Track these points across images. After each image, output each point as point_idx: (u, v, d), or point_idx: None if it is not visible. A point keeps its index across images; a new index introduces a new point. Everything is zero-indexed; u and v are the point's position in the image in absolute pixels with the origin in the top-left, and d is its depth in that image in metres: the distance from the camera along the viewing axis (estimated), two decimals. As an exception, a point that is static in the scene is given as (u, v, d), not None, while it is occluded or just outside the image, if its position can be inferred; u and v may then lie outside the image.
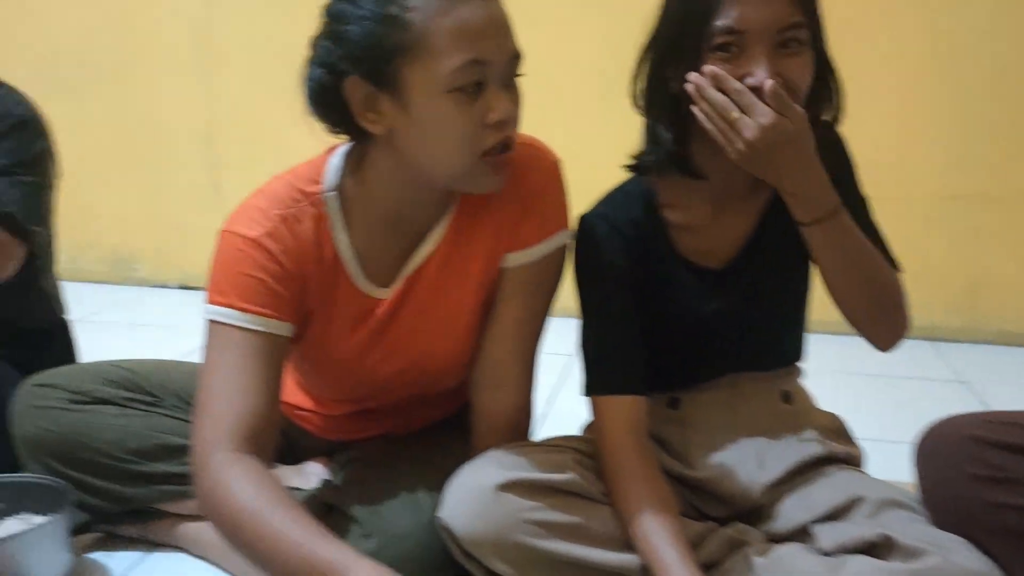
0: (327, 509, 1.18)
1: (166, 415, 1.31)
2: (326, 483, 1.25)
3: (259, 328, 1.04)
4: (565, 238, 1.17)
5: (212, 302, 1.06)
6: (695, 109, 1.02)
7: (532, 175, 1.13)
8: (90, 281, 2.84)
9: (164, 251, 2.90)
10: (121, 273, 2.92)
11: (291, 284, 1.08)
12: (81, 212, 2.01)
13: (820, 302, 1.17)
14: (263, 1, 2.66)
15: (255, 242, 1.06)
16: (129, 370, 1.34)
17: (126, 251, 2.92)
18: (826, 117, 1.10)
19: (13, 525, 1.23)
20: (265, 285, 1.06)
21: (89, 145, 2.76)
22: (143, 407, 1.31)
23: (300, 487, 1.27)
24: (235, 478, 0.96)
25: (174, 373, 1.37)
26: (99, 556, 1.31)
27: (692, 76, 1.01)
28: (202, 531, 1.30)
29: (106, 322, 2.50)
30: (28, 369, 1.37)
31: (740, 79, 0.99)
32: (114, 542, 1.34)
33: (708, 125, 1.01)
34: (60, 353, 1.64)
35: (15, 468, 1.29)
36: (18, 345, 1.55)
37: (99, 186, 2.81)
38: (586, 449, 1.16)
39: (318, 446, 1.34)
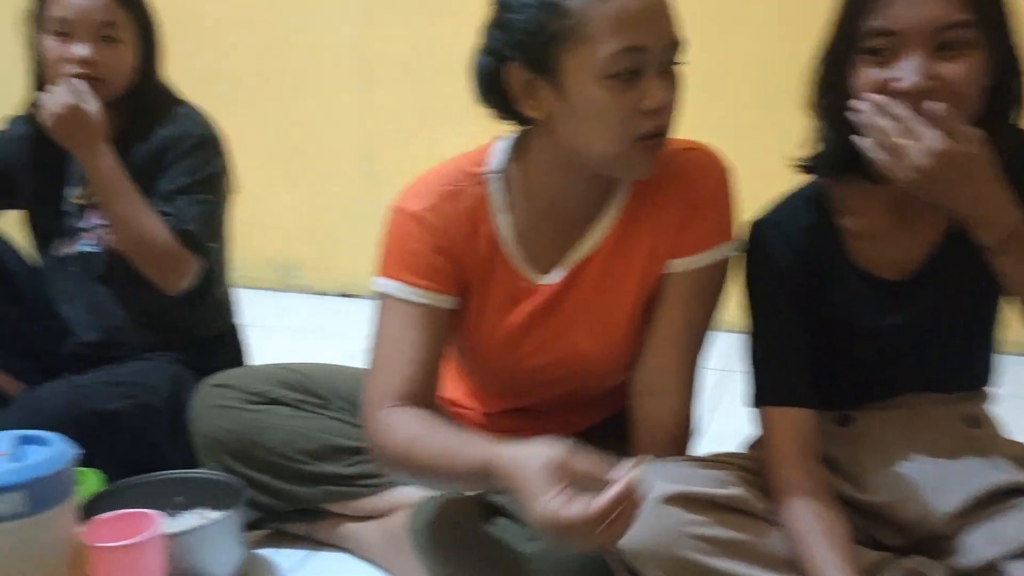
0: (492, 510, 1.19)
1: (334, 417, 1.36)
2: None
3: (421, 300, 1.12)
4: (730, 250, 1.14)
5: (380, 275, 1.14)
6: (857, 140, 0.96)
7: (701, 182, 1.12)
8: (257, 288, 2.98)
9: (325, 260, 3.01)
10: (285, 280, 3.06)
11: (449, 259, 1.13)
12: (249, 223, 2.10)
13: (1017, 321, 1.08)
14: (419, 21, 2.73)
15: (417, 216, 1.13)
16: (299, 373, 1.40)
17: (290, 260, 3.05)
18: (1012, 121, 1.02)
19: (191, 519, 1.29)
20: (426, 258, 1.12)
21: (258, 159, 2.90)
22: (312, 409, 1.36)
23: (459, 490, 1.28)
24: (398, 418, 1.07)
25: (340, 377, 1.41)
26: (268, 552, 1.37)
27: (855, 104, 0.96)
28: (366, 533, 1.33)
29: (271, 327, 2.61)
30: (203, 372, 1.45)
31: (887, 85, 0.94)
32: (283, 539, 1.39)
33: (873, 155, 0.95)
34: (232, 357, 1.73)
35: (194, 465, 1.36)
36: (194, 350, 1.64)
37: (266, 198, 2.94)
38: (751, 466, 1.11)
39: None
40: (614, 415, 1.30)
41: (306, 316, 2.83)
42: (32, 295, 1.66)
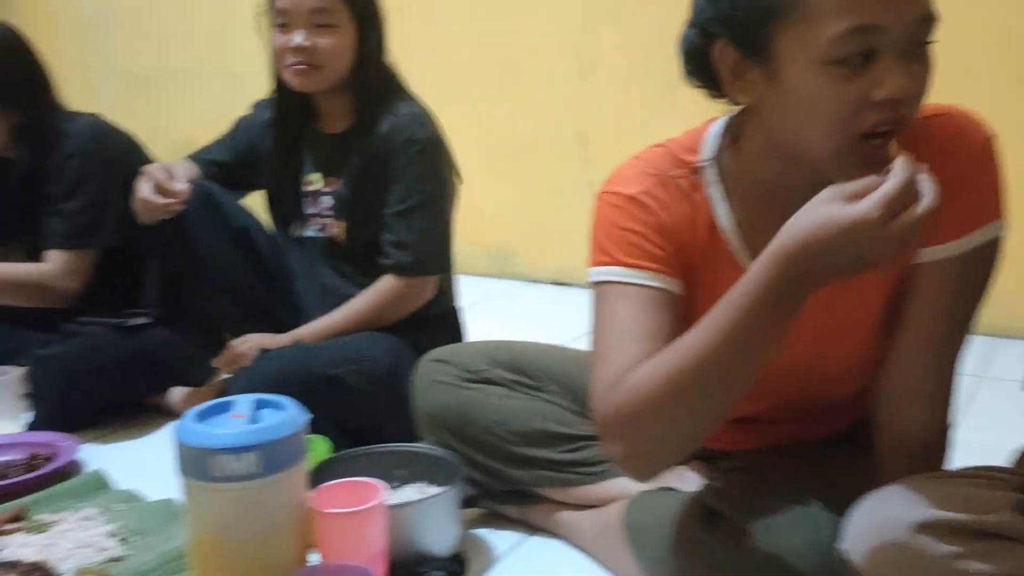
0: (710, 515, 1.11)
1: (548, 401, 1.33)
2: (708, 487, 1.18)
3: (642, 282, 1.01)
4: (996, 230, 0.98)
5: (595, 263, 1.05)
6: None
7: (957, 153, 0.96)
8: (474, 274, 3.04)
9: (539, 247, 3.02)
10: (501, 267, 3.10)
11: (669, 242, 1.03)
12: (469, 210, 2.15)
13: None
14: (635, 7, 2.67)
15: (632, 198, 1.04)
16: (514, 352, 1.38)
17: (506, 247, 3.09)
18: None
19: (410, 493, 1.31)
20: (645, 239, 1.03)
21: (476, 151, 2.94)
22: (526, 391, 1.34)
23: (678, 488, 1.21)
24: (631, 376, 0.93)
25: (555, 359, 1.38)
26: (483, 532, 1.36)
27: None
28: (580, 522, 1.29)
29: (487, 311, 2.65)
30: (423, 352, 1.47)
31: None
32: (497, 521, 1.38)
33: None
34: (452, 337, 1.75)
35: (412, 437, 1.38)
36: (417, 330, 1.67)
37: (484, 188, 2.98)
38: (1019, 483, 0.96)
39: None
40: (852, 426, 1.19)
41: (520, 302, 2.85)
42: (276, 271, 1.76)
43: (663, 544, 1.12)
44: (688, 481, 1.23)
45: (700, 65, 0.97)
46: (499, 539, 1.35)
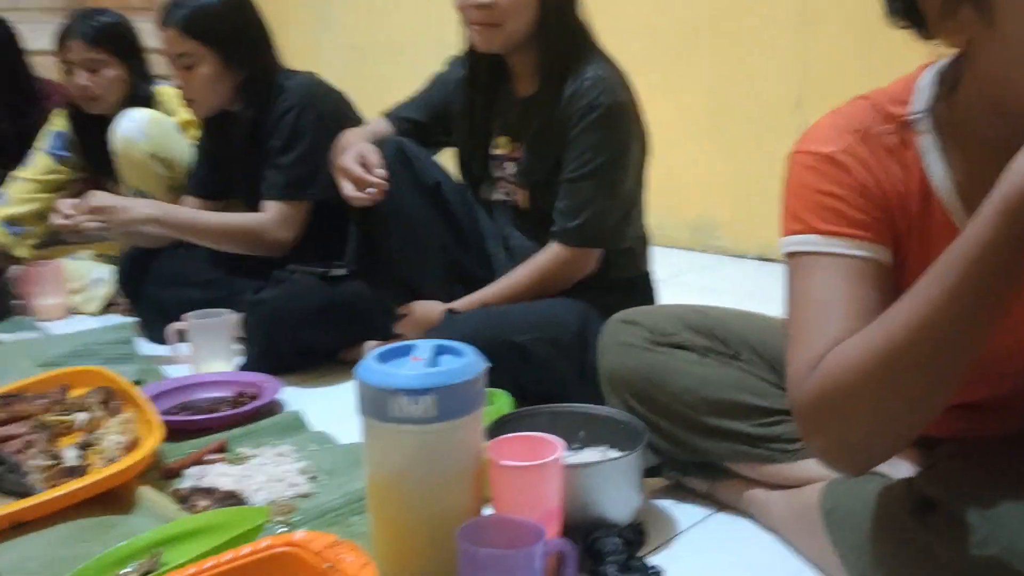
0: (923, 503, 0.98)
1: (743, 370, 1.24)
2: (923, 473, 1.05)
3: (842, 251, 0.90)
4: None
5: (788, 231, 0.94)
6: None
7: None
8: (672, 246, 2.94)
9: (745, 220, 2.87)
10: (702, 240, 2.97)
11: (874, 205, 0.91)
12: (668, 178, 2.06)
13: None
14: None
15: (829, 158, 0.92)
16: (707, 316, 1.29)
17: (708, 218, 2.96)
18: None
19: (590, 455, 1.26)
20: (845, 203, 0.91)
21: (680, 112, 2.85)
22: (720, 358, 1.25)
23: (885, 474, 1.08)
24: (836, 352, 0.83)
25: (753, 326, 1.28)
26: (666, 504, 1.29)
27: None
28: (773, 502, 1.19)
29: (684, 284, 2.56)
30: (611, 314, 1.41)
31: None
32: (681, 493, 1.30)
33: None
34: (641, 301, 1.68)
35: (598, 403, 1.33)
36: (603, 293, 1.62)
37: (687, 152, 2.88)
38: None
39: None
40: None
41: (721, 278, 2.72)
42: (468, 227, 1.77)
43: (865, 532, 1.01)
44: (897, 467, 1.10)
45: (902, 4, 0.86)
46: (682, 512, 1.27)
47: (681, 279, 2.61)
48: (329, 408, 1.67)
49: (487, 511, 1.11)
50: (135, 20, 2.37)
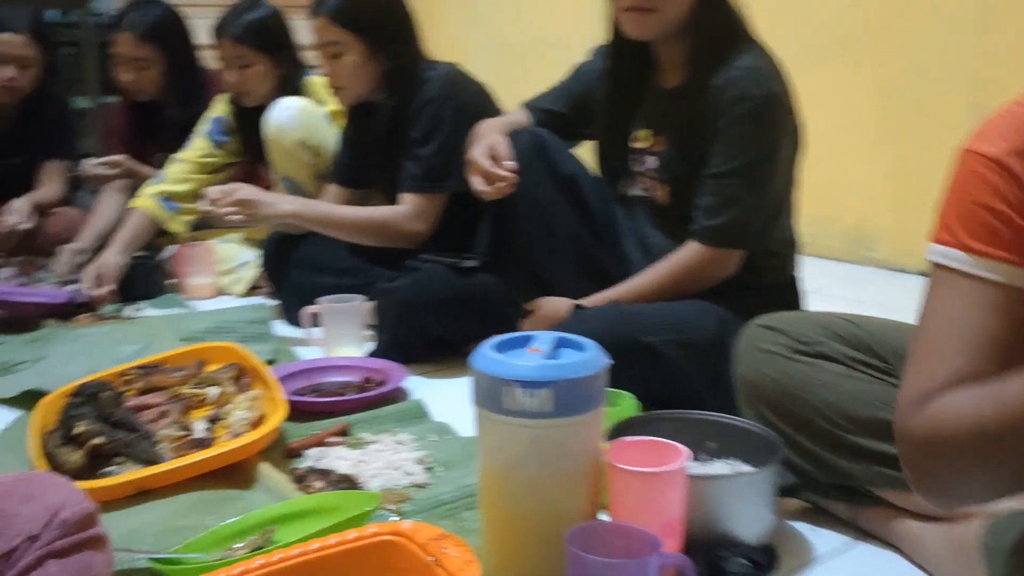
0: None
1: (896, 387, 1.11)
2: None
3: (987, 275, 0.79)
4: None
5: (937, 239, 0.84)
6: None
7: None
8: (825, 256, 2.77)
9: (906, 232, 2.66)
10: (857, 252, 2.79)
11: None
12: (824, 183, 1.93)
13: None
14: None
15: (995, 162, 0.80)
16: (857, 326, 1.18)
17: (866, 228, 2.77)
18: None
19: (720, 467, 1.17)
20: (1004, 219, 0.79)
21: (841, 113, 2.68)
22: (869, 371, 1.13)
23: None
24: (953, 398, 0.76)
25: (901, 335, 1.15)
26: (802, 527, 1.18)
27: None
28: (925, 535, 1.07)
29: (835, 297, 2.39)
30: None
31: None
32: (820, 517, 1.19)
33: None
34: (786, 309, 1.57)
35: (732, 411, 1.23)
36: (745, 297, 1.52)
37: (846, 156, 2.70)
38: None
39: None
40: None
41: (877, 292, 2.53)
42: (604, 222, 1.70)
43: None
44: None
45: None
46: (820, 538, 1.16)
47: (831, 291, 2.45)
48: (453, 400, 1.63)
49: (603, 517, 1.04)
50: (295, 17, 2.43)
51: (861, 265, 2.76)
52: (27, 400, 1.57)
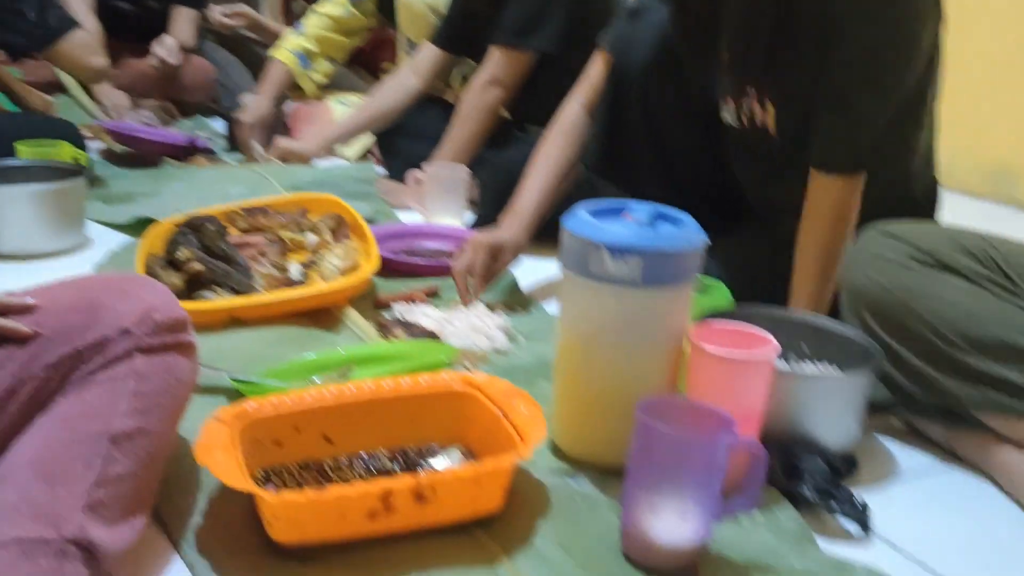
0: None
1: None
2: None
3: None
4: None
5: None
6: None
7: None
8: (963, 192, 2.58)
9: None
10: (999, 189, 2.58)
11: None
12: (966, 114, 1.75)
13: None
14: None
15: None
16: (994, 244, 1.09)
17: (1011, 165, 2.56)
18: None
19: (811, 368, 1.11)
20: None
21: (990, 36, 2.45)
22: (998, 290, 1.04)
23: None
24: None
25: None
26: (889, 444, 1.12)
27: None
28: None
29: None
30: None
31: None
32: (911, 437, 1.13)
33: None
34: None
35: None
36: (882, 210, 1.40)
37: (993, 86, 2.48)
38: None
39: None
40: None
41: (1017, 232, 2.34)
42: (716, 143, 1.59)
43: None
44: None
45: None
46: (908, 457, 1.10)
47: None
48: (547, 279, 1.62)
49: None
50: None
51: (1002, 204, 2.57)
52: (139, 228, 1.63)
